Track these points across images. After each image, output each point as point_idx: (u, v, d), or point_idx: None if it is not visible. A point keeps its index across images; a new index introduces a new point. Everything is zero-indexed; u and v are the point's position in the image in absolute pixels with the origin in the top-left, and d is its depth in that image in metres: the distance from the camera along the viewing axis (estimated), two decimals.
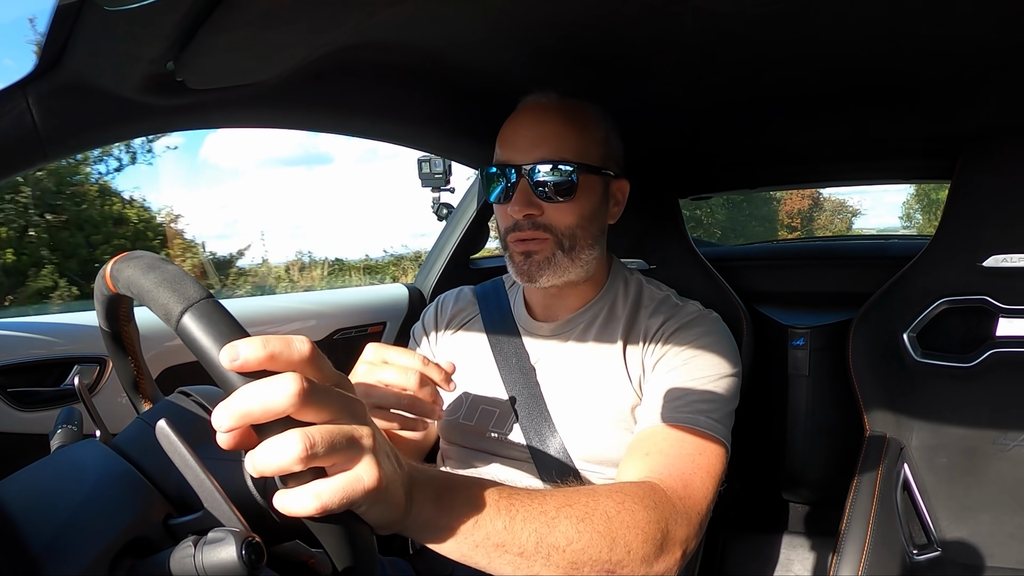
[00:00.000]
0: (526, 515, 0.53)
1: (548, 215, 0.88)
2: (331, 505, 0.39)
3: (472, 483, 0.53)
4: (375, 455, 0.42)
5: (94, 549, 0.42)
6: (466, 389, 0.99)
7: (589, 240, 0.90)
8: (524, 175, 0.86)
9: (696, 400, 0.80)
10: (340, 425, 0.40)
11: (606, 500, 0.60)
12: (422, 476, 0.49)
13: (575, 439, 0.89)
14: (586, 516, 0.57)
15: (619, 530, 0.59)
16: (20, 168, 0.69)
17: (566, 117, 0.89)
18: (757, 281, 1.52)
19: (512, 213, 0.88)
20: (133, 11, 0.51)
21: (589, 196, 0.89)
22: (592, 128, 0.91)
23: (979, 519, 1.06)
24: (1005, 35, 0.80)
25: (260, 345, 0.38)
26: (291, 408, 0.38)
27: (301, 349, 0.40)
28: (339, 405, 0.41)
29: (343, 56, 0.83)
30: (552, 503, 0.56)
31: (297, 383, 0.38)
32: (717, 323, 0.91)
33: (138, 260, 0.46)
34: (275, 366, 0.39)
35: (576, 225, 0.88)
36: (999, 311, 1.08)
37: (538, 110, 0.91)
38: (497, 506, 0.52)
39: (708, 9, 0.75)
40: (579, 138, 0.88)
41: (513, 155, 0.88)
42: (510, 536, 0.51)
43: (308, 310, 1.42)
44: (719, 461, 0.76)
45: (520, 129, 0.90)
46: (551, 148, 0.86)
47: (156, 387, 0.66)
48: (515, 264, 0.91)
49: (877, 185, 1.69)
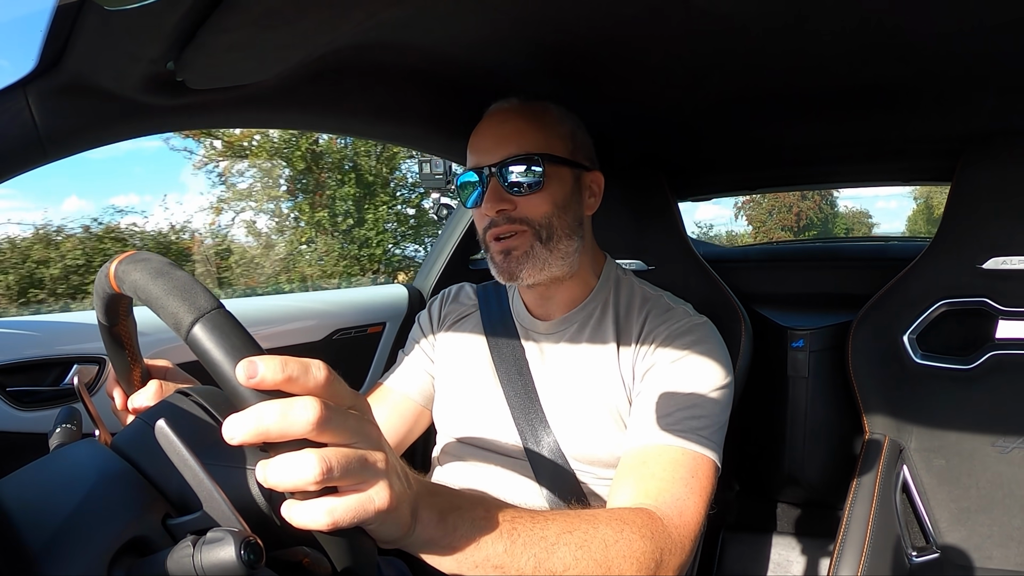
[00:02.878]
0: (527, 539, 0.55)
1: (521, 208, 0.89)
2: (342, 523, 0.40)
3: (477, 503, 0.54)
4: (388, 478, 0.43)
5: (93, 549, 0.42)
6: (462, 384, 1.00)
7: (566, 230, 0.91)
8: (493, 174, 0.89)
9: (687, 417, 0.80)
10: (356, 449, 0.41)
11: (605, 528, 0.62)
12: (429, 495, 0.50)
13: (568, 438, 0.90)
14: (584, 543, 0.59)
15: (615, 559, 0.61)
16: (20, 168, 0.69)
17: (528, 116, 0.92)
18: (756, 282, 1.52)
19: (486, 211, 0.89)
20: (133, 11, 0.51)
21: (559, 186, 0.91)
22: (555, 124, 0.93)
23: (978, 521, 1.06)
24: (1005, 36, 0.80)
25: (279, 367, 0.38)
26: (309, 433, 0.38)
27: (318, 376, 0.40)
28: (355, 430, 0.41)
29: (343, 56, 0.83)
30: (553, 528, 0.58)
31: (317, 409, 0.38)
32: (709, 330, 0.91)
33: (145, 263, 0.45)
34: (292, 389, 0.39)
35: (551, 214, 0.90)
36: (999, 313, 1.08)
37: (500, 113, 0.94)
38: (499, 529, 0.53)
39: (707, 10, 0.75)
40: (542, 132, 0.90)
41: (480, 158, 0.91)
42: (510, 559, 0.53)
43: (308, 310, 1.42)
44: (711, 481, 0.78)
45: (485, 133, 0.93)
46: (515, 144, 0.89)
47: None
48: (496, 264, 0.92)
49: (876, 187, 1.69)
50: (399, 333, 1.51)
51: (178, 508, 0.47)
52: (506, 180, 0.88)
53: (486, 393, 0.96)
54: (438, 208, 1.65)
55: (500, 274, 0.92)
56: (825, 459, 1.34)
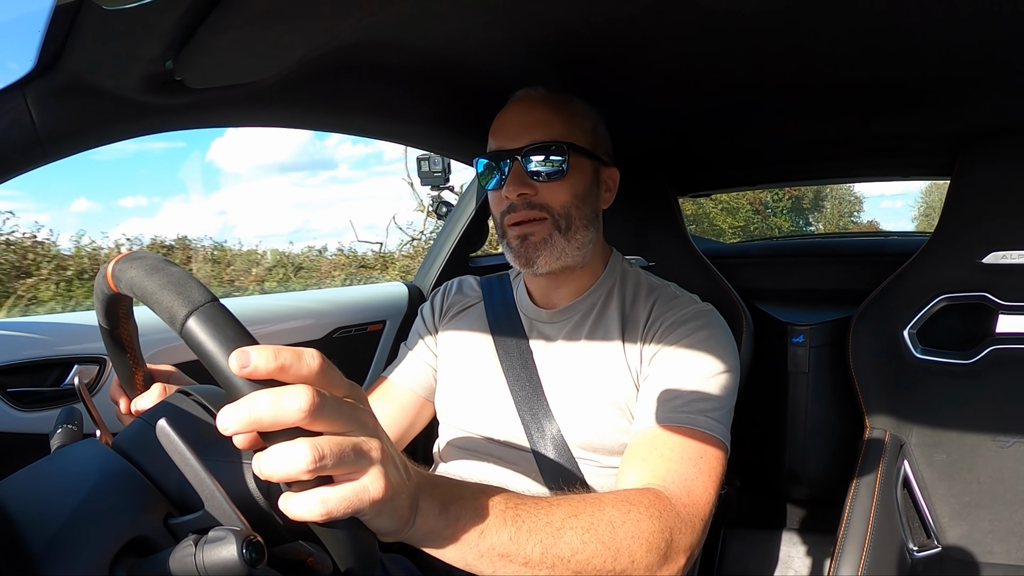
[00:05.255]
0: (532, 525, 0.54)
1: (542, 195, 0.90)
2: (336, 512, 0.40)
3: (479, 492, 0.53)
4: (383, 466, 0.42)
5: (94, 549, 0.42)
6: (466, 374, 1.00)
7: (584, 220, 0.92)
8: (517, 159, 0.89)
9: (695, 399, 0.80)
10: (350, 437, 0.41)
11: (611, 510, 0.61)
12: (429, 486, 0.49)
13: (572, 426, 0.90)
14: (591, 526, 0.58)
15: (624, 540, 0.60)
16: (20, 169, 0.69)
17: (554, 106, 0.92)
18: (757, 278, 1.52)
19: (507, 195, 0.90)
20: (132, 11, 0.51)
21: (580, 176, 0.91)
22: (580, 117, 0.94)
23: (979, 516, 1.06)
24: (1005, 34, 0.80)
25: (271, 356, 0.38)
26: (302, 421, 0.38)
27: (311, 364, 0.40)
28: (349, 417, 0.41)
29: (343, 55, 0.83)
30: (558, 513, 0.57)
31: (309, 397, 0.38)
32: (715, 317, 0.91)
33: (141, 261, 0.45)
34: (284, 378, 0.39)
35: (571, 204, 0.90)
36: (999, 308, 1.08)
37: (527, 100, 0.94)
38: (503, 516, 0.52)
39: (708, 8, 0.75)
40: (567, 123, 0.91)
41: (504, 142, 0.91)
42: (515, 546, 0.52)
43: (307, 308, 1.42)
44: (720, 463, 0.77)
45: (511, 118, 0.93)
46: (541, 132, 0.89)
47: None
48: (512, 249, 0.92)
49: (876, 182, 1.69)
50: (399, 331, 1.51)
51: (179, 507, 0.47)
52: (529, 166, 0.89)
53: (490, 384, 0.96)
54: (437, 206, 1.65)
55: (516, 259, 0.92)
56: (826, 455, 1.34)
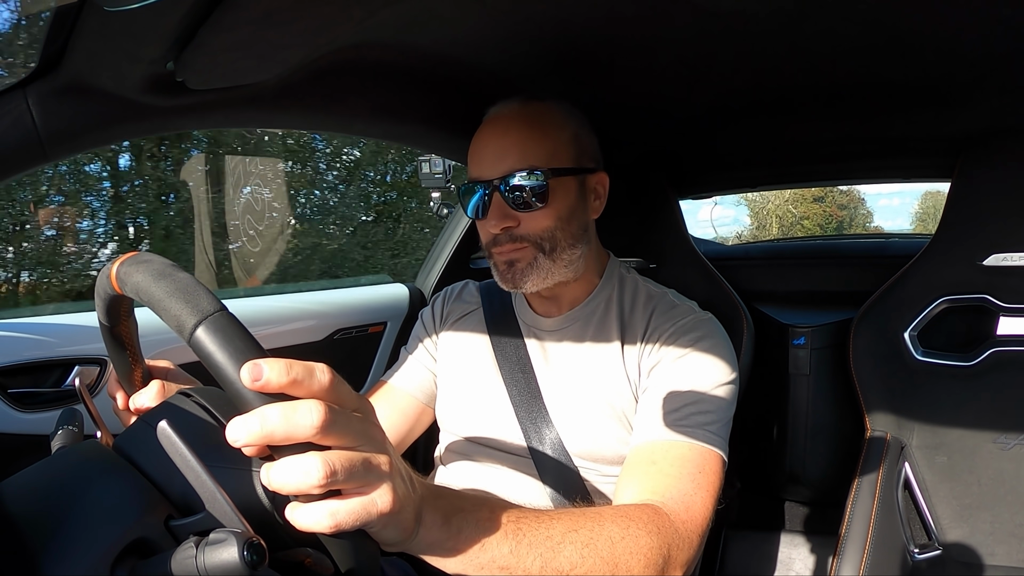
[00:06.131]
0: (532, 539, 0.54)
1: (525, 225, 0.87)
2: (344, 525, 0.40)
3: (481, 505, 0.54)
4: (391, 480, 0.43)
5: (95, 550, 0.42)
6: (465, 382, 1.00)
7: (570, 240, 0.90)
8: (495, 188, 0.86)
9: (694, 412, 0.80)
10: (360, 452, 0.41)
11: (611, 525, 0.62)
12: (433, 498, 0.49)
13: (571, 435, 0.89)
14: (591, 542, 0.59)
15: (622, 556, 0.60)
16: (20, 169, 0.69)
17: (530, 123, 0.88)
18: (757, 280, 1.52)
19: (490, 228, 0.88)
20: (133, 11, 0.51)
21: (564, 198, 0.88)
22: (557, 129, 0.89)
23: (980, 518, 1.06)
24: (1005, 35, 0.80)
25: (284, 370, 0.38)
26: (313, 436, 0.39)
27: (322, 380, 0.40)
28: (359, 432, 0.42)
29: (343, 56, 0.83)
30: (558, 527, 0.57)
31: (321, 412, 0.38)
32: (714, 326, 0.90)
33: (147, 265, 0.45)
34: (296, 392, 0.39)
35: (555, 228, 0.88)
36: (1000, 310, 1.08)
37: (501, 121, 0.90)
38: (504, 530, 0.53)
39: (709, 9, 0.75)
40: (545, 142, 0.87)
41: (482, 171, 0.88)
42: (515, 560, 0.53)
43: (308, 310, 1.42)
44: (718, 476, 0.77)
45: (486, 143, 0.89)
46: (517, 157, 0.85)
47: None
48: (499, 272, 0.91)
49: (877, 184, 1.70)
50: (400, 333, 1.51)
51: (180, 509, 0.47)
52: (509, 195, 0.86)
53: (489, 391, 0.96)
54: (438, 208, 1.66)
55: (503, 282, 0.92)
56: (827, 457, 1.34)
